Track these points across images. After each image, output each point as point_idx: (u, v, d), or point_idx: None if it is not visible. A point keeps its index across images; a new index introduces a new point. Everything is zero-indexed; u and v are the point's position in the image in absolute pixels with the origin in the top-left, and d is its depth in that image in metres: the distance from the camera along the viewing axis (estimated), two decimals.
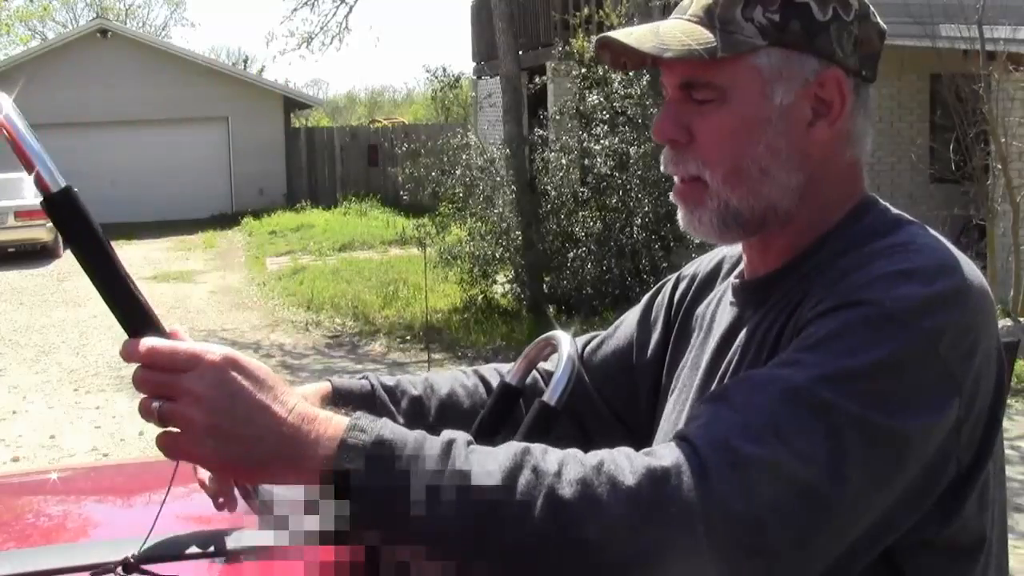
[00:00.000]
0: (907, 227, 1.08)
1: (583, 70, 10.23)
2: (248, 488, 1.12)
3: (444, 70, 13.81)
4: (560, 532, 0.84)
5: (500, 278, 10.97)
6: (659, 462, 0.88)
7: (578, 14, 11.94)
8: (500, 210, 10.60)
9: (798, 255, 1.12)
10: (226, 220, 21.35)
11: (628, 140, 9.68)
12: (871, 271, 1.00)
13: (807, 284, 1.07)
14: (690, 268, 1.36)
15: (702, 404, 0.98)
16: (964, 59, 9.19)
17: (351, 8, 15.11)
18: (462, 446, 0.88)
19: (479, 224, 10.85)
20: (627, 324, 1.39)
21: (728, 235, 1.13)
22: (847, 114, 1.10)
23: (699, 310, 1.28)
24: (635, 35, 1.09)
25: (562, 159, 10.35)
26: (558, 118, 10.95)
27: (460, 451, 0.88)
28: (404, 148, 14.13)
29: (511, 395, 1.29)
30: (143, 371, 0.90)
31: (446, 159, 11.32)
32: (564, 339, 1.24)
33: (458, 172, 11.01)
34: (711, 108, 1.08)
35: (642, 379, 1.34)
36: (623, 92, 9.78)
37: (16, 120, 0.94)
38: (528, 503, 0.85)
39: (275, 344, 10.08)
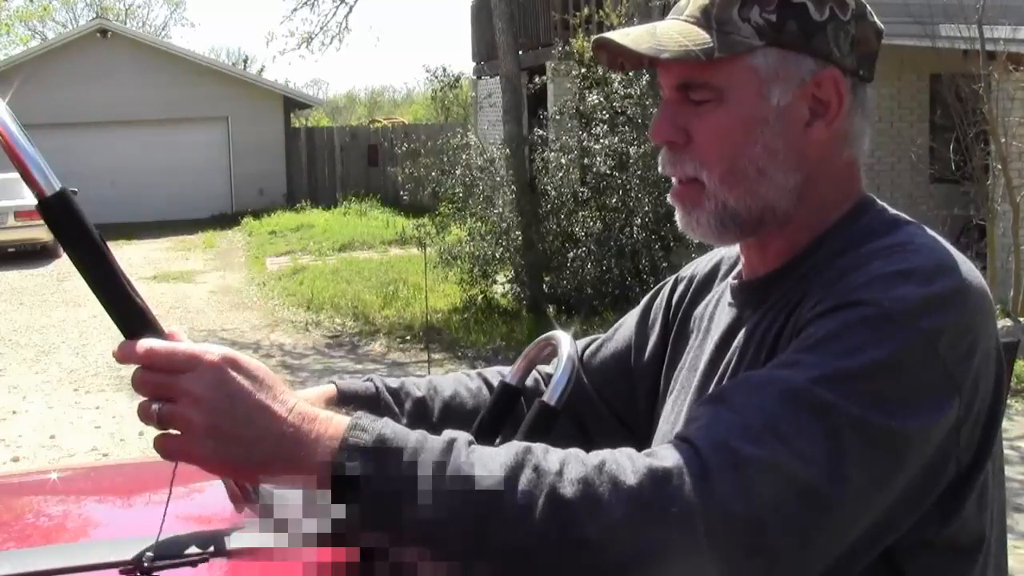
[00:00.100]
0: (905, 227, 1.08)
1: (583, 70, 10.23)
2: (248, 489, 1.12)
3: (444, 70, 13.82)
4: (560, 531, 0.84)
5: (500, 278, 10.97)
6: (660, 463, 0.88)
7: (578, 14, 11.94)
8: (500, 210, 10.60)
9: (796, 255, 1.12)
10: (226, 220, 21.34)
11: (628, 140, 9.68)
12: (869, 271, 0.99)
13: (805, 284, 1.07)
14: (688, 270, 1.36)
15: (702, 405, 0.98)
16: (964, 59, 9.19)
17: (351, 8, 15.12)
18: (463, 445, 0.88)
19: (479, 224, 10.85)
20: (626, 327, 1.40)
21: (726, 236, 1.13)
22: (844, 114, 1.09)
23: (697, 311, 1.28)
24: (632, 36, 1.09)
25: (562, 159, 10.34)
26: (558, 118, 10.95)
27: (461, 450, 0.88)
28: (404, 148, 14.13)
29: (511, 395, 1.29)
30: (142, 372, 0.90)
31: (446, 159, 11.32)
32: (564, 339, 1.24)
33: (458, 172, 11.01)
34: (708, 109, 1.08)
35: (641, 381, 1.34)
36: (623, 92, 9.78)
37: (10, 123, 0.93)
38: (529, 502, 0.85)
39: (275, 344, 10.08)
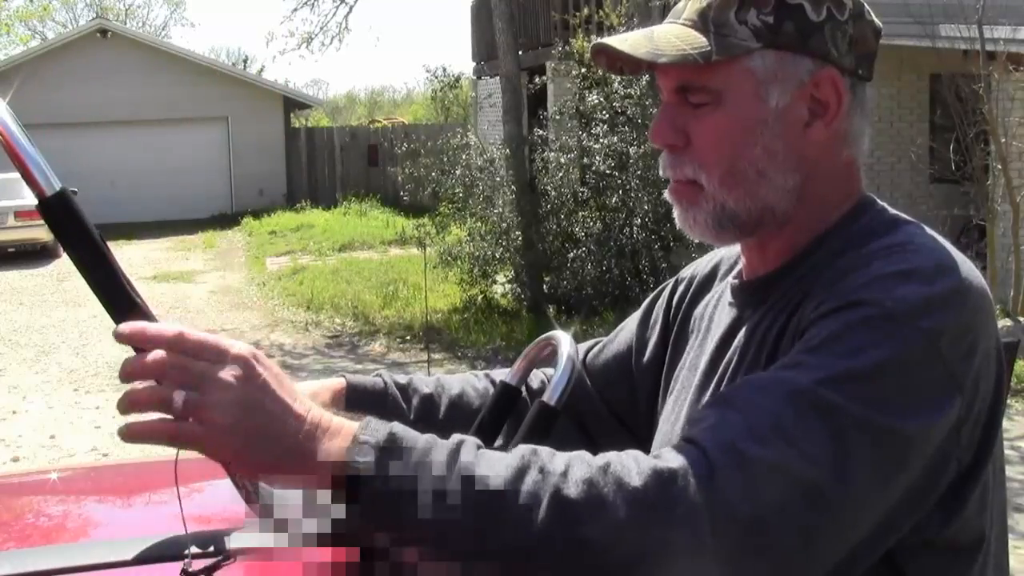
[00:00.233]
0: (904, 227, 1.08)
1: (583, 70, 10.23)
2: (248, 489, 1.12)
3: (444, 70, 13.85)
4: (563, 531, 0.84)
5: (500, 278, 10.96)
6: (666, 464, 0.88)
7: (578, 14, 11.95)
8: (500, 210, 10.60)
9: (796, 255, 1.12)
10: (226, 220, 21.34)
11: (628, 140, 9.68)
12: (870, 272, 1.00)
13: (806, 284, 1.07)
14: (688, 271, 1.36)
15: (707, 407, 0.98)
16: (964, 59, 9.19)
17: (351, 8, 15.11)
18: (472, 447, 0.89)
19: (479, 224, 10.84)
20: (627, 329, 1.40)
21: (724, 236, 1.13)
22: (843, 114, 1.10)
23: (697, 311, 1.28)
24: (630, 41, 1.09)
25: (562, 159, 10.34)
26: (558, 118, 10.94)
27: (469, 452, 0.88)
28: (404, 148, 14.12)
29: (511, 395, 1.29)
30: (169, 356, 0.87)
31: (446, 159, 11.32)
32: (563, 339, 1.24)
33: (458, 172, 11.01)
34: (707, 111, 1.08)
35: (641, 382, 1.34)
36: (623, 92, 9.78)
37: (10, 123, 0.93)
38: (533, 502, 0.85)
39: (275, 344, 10.07)
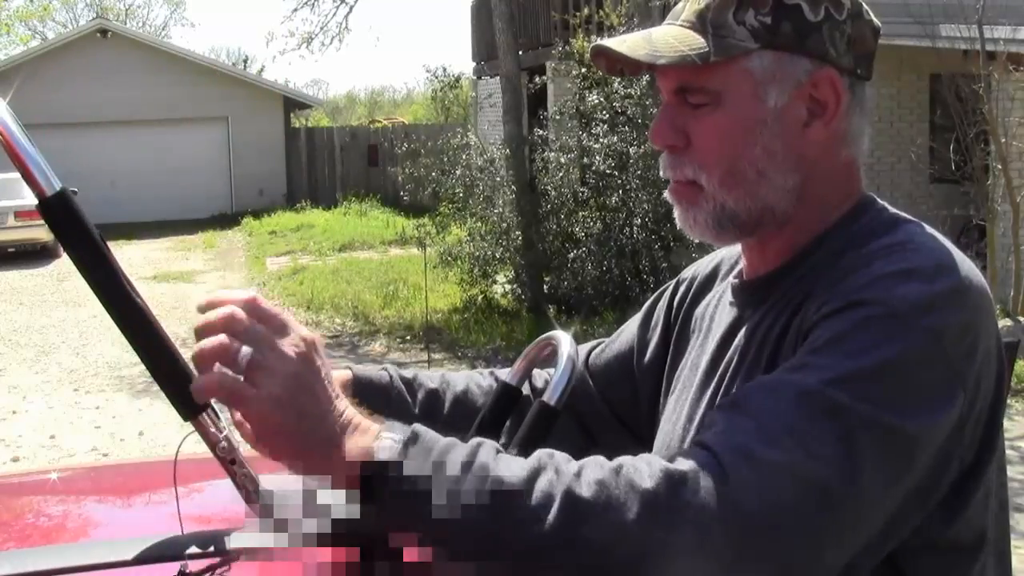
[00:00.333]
0: (905, 226, 1.08)
1: (583, 70, 10.22)
2: (248, 489, 1.12)
3: (444, 70, 13.82)
4: (575, 530, 0.85)
5: (500, 278, 10.96)
6: (677, 466, 0.89)
7: (578, 14, 11.95)
8: (500, 210, 10.60)
9: (796, 255, 1.12)
10: (226, 220, 21.34)
11: (628, 140, 9.68)
12: (871, 272, 1.00)
13: (806, 284, 1.07)
14: (689, 271, 1.36)
15: (717, 412, 0.98)
16: (964, 59, 9.19)
17: (351, 8, 15.11)
18: (490, 449, 0.91)
19: (479, 224, 10.84)
20: (629, 330, 1.41)
21: (724, 236, 1.14)
22: (843, 113, 1.10)
23: (698, 311, 1.29)
24: (628, 43, 1.10)
25: (562, 159, 10.34)
26: (558, 118, 10.94)
27: (488, 453, 0.90)
28: (404, 148, 14.12)
29: (511, 395, 1.29)
30: (243, 312, 0.90)
31: (446, 159, 11.32)
32: (563, 339, 1.24)
33: (458, 172, 11.00)
34: (706, 112, 1.09)
35: (643, 382, 1.35)
36: (623, 92, 9.77)
37: (10, 123, 0.93)
38: (547, 501, 0.86)
39: None
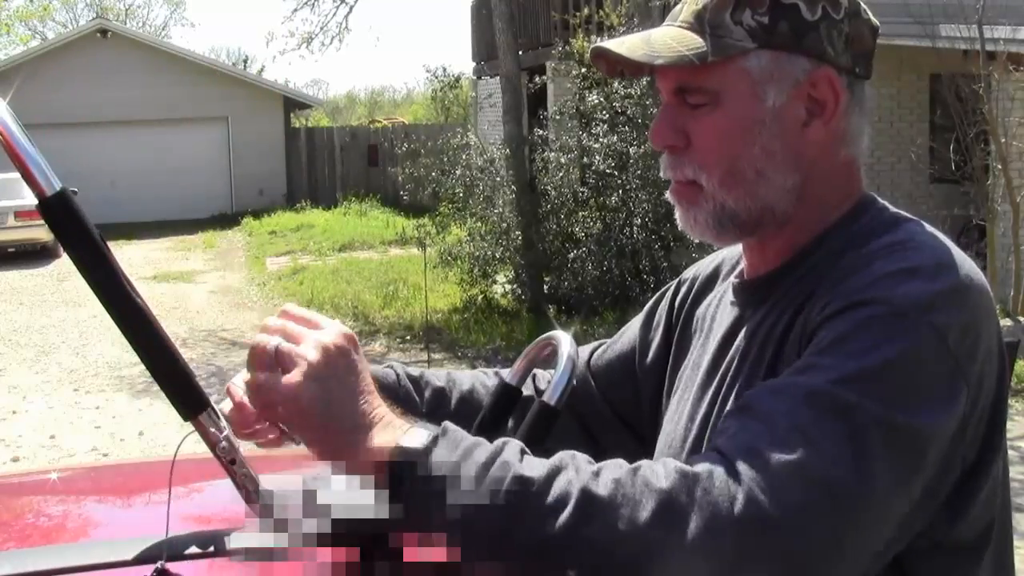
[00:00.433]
0: (905, 225, 1.08)
1: (583, 70, 10.22)
2: (248, 489, 1.12)
3: (444, 70, 13.80)
4: (590, 525, 0.86)
5: (500, 278, 10.96)
6: (692, 468, 0.90)
7: (578, 14, 11.95)
8: (500, 210, 10.59)
9: (797, 254, 1.12)
10: (226, 220, 21.34)
11: (628, 140, 9.68)
12: (872, 271, 1.00)
13: (808, 284, 1.07)
14: (690, 272, 1.37)
15: (727, 417, 0.99)
16: (964, 59, 9.19)
17: (351, 8, 15.08)
18: (515, 448, 0.93)
19: (479, 224, 10.84)
20: (631, 330, 1.41)
21: (725, 235, 1.14)
22: (842, 112, 1.10)
23: (699, 311, 1.29)
24: (627, 44, 1.10)
25: (562, 159, 10.34)
26: (558, 118, 10.94)
27: (513, 450, 0.92)
28: (404, 148, 14.12)
29: (511, 395, 1.29)
30: (275, 318, 0.99)
31: (446, 159, 11.32)
32: (563, 339, 1.24)
33: (458, 172, 11.00)
34: (705, 112, 1.09)
35: (645, 383, 1.35)
36: (623, 92, 9.77)
37: (10, 123, 0.93)
38: (564, 497, 0.87)
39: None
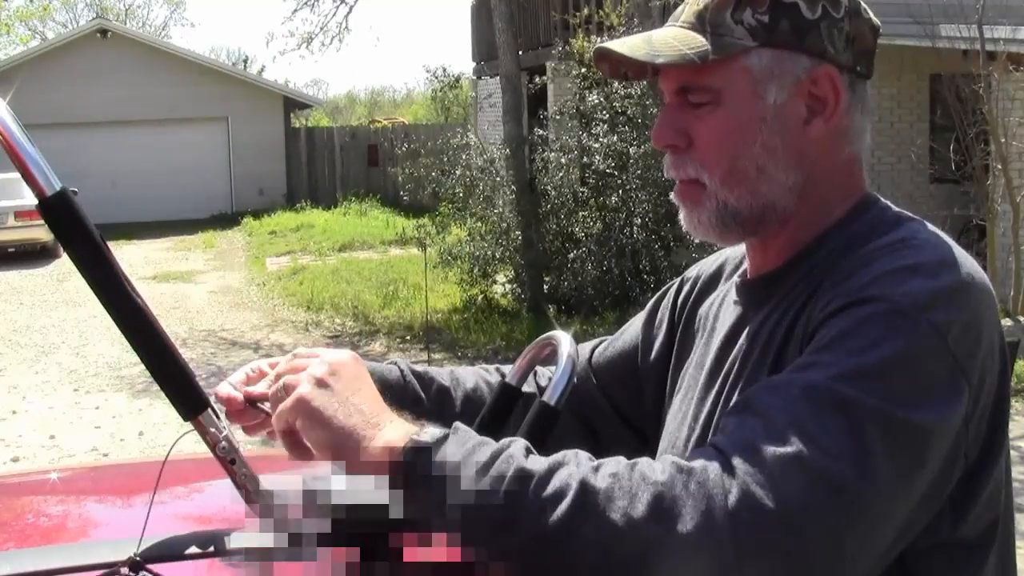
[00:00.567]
0: (907, 223, 1.09)
1: (583, 70, 10.23)
2: (248, 489, 1.12)
3: (444, 70, 13.80)
4: (587, 516, 0.87)
5: (500, 278, 10.96)
6: (687, 463, 0.90)
7: (578, 14, 11.95)
8: (500, 210, 10.60)
9: (799, 253, 1.12)
10: (226, 220, 21.34)
11: (628, 140, 9.68)
12: (874, 269, 1.00)
13: (809, 283, 1.08)
14: (694, 270, 1.37)
15: (728, 416, 0.99)
16: (964, 59, 9.20)
17: (351, 8, 15.07)
18: (521, 444, 0.94)
19: (479, 224, 10.84)
20: (633, 328, 1.41)
21: (728, 234, 1.14)
22: (843, 110, 1.10)
23: (702, 310, 1.29)
24: (628, 44, 1.11)
25: (562, 159, 10.34)
26: (558, 118, 10.94)
27: (519, 447, 0.93)
28: (404, 148, 14.11)
29: (511, 395, 1.29)
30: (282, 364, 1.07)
31: (446, 159, 11.31)
32: (564, 339, 1.24)
33: (458, 172, 11.00)
34: (707, 111, 1.10)
35: (647, 381, 1.35)
36: (623, 92, 9.77)
37: (10, 123, 0.93)
38: (563, 488, 0.88)
39: (275, 344, 10.07)
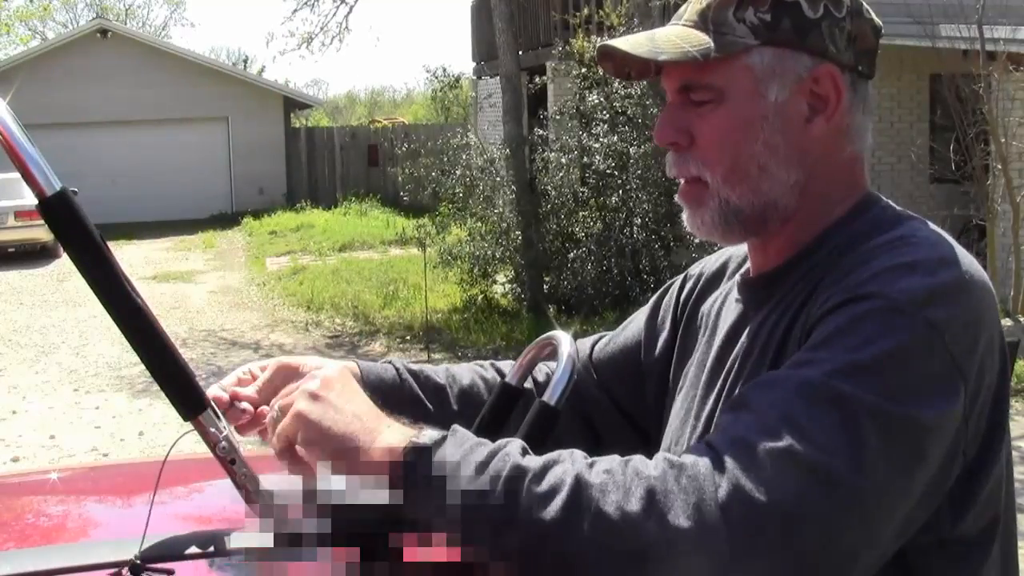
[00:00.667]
0: (908, 222, 1.09)
1: (583, 70, 10.23)
2: (248, 489, 1.12)
3: (444, 70, 13.80)
4: (581, 511, 0.87)
5: (500, 278, 10.97)
6: (680, 458, 0.91)
7: (578, 14, 11.95)
8: (500, 210, 10.60)
9: (800, 251, 1.13)
10: (226, 220, 21.34)
11: (628, 140, 9.68)
12: (874, 266, 1.00)
13: (810, 282, 1.08)
14: (697, 267, 1.37)
15: (723, 413, 0.99)
16: (964, 59, 9.20)
17: (351, 8, 15.07)
18: (518, 444, 0.95)
19: (479, 224, 10.84)
20: (635, 323, 1.41)
21: (731, 234, 1.14)
22: (844, 109, 1.11)
23: (704, 307, 1.29)
24: (630, 42, 1.12)
25: (562, 159, 10.34)
26: (558, 118, 10.94)
27: (515, 446, 0.94)
28: (404, 148, 14.11)
29: (511, 395, 1.29)
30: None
31: (446, 159, 11.32)
32: (564, 339, 1.24)
33: (458, 172, 11.01)
34: (709, 109, 1.10)
35: (650, 377, 1.35)
36: (623, 92, 9.78)
37: (10, 123, 0.93)
38: (558, 484, 0.89)
39: (275, 344, 10.07)
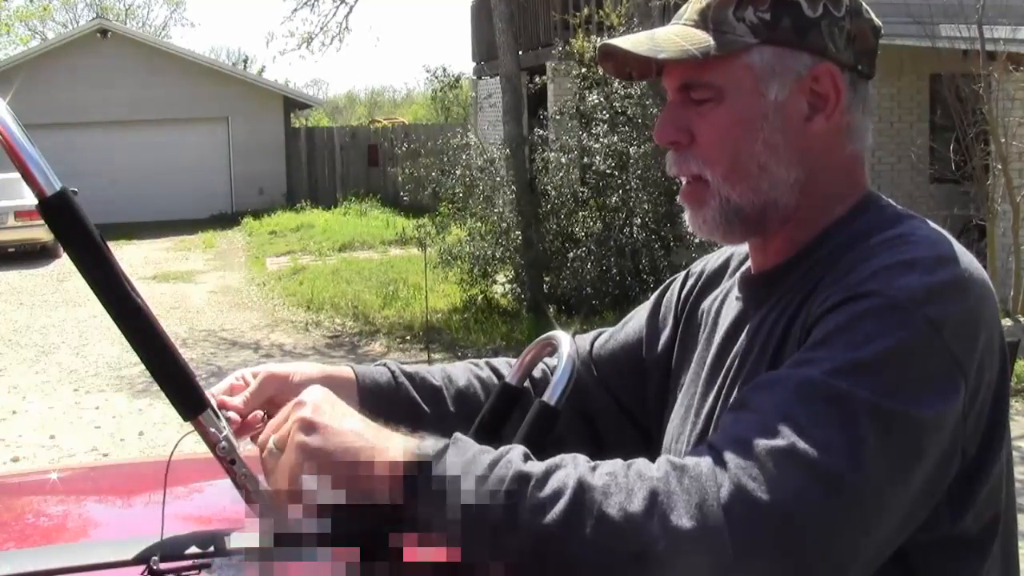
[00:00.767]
0: (907, 221, 1.09)
1: (583, 70, 10.23)
2: (248, 489, 1.12)
3: (444, 70, 13.83)
4: (584, 514, 0.87)
5: (500, 278, 10.97)
6: (682, 460, 0.91)
7: (578, 14, 11.95)
8: (500, 210, 10.60)
9: (801, 250, 1.13)
10: (226, 220, 21.34)
11: (628, 140, 9.69)
12: (872, 264, 1.01)
13: (810, 280, 1.08)
14: (698, 265, 1.37)
15: (724, 414, 1.00)
16: (964, 59, 9.20)
17: (351, 8, 15.08)
18: (520, 450, 0.94)
19: (479, 224, 10.85)
20: (637, 320, 1.41)
21: (732, 233, 1.15)
22: (844, 108, 1.11)
23: (704, 305, 1.30)
24: (631, 40, 1.13)
25: (562, 159, 10.35)
26: (558, 118, 10.95)
27: (517, 452, 0.93)
28: (404, 148, 14.12)
29: (511, 395, 1.29)
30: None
31: (446, 159, 11.32)
32: (564, 339, 1.24)
33: (458, 172, 11.01)
34: (709, 108, 1.11)
35: (651, 373, 1.35)
36: (623, 92, 9.78)
37: (10, 123, 0.93)
38: (561, 488, 0.89)
39: (275, 344, 10.08)
